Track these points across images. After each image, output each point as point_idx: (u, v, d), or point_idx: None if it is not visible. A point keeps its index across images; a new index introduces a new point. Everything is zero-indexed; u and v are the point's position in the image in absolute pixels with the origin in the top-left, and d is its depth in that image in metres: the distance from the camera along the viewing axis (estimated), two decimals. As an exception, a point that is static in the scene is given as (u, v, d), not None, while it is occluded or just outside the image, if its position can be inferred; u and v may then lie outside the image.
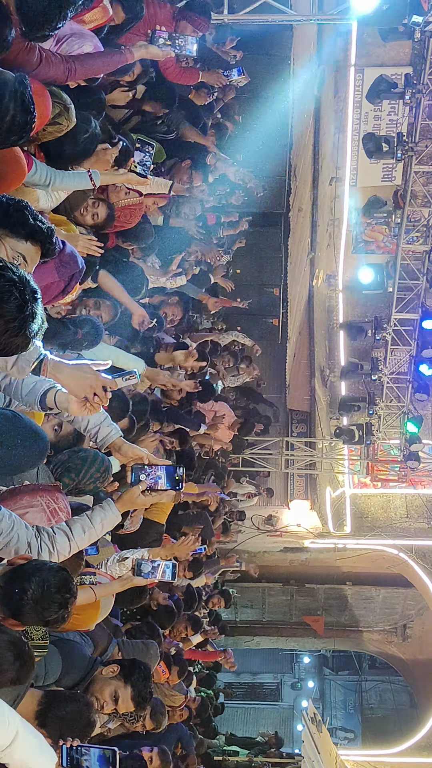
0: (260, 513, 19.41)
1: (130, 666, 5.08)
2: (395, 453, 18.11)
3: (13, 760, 3.48)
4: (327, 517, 19.65)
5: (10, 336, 3.23)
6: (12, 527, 3.81)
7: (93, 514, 4.27)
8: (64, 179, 5.16)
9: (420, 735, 20.78)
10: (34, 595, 3.63)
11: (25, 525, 3.89)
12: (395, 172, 17.23)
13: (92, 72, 5.08)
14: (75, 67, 4.83)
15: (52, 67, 4.66)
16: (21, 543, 3.87)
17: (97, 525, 4.24)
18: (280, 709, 30.04)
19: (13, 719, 3.45)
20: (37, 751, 3.59)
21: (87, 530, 4.18)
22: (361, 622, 23.35)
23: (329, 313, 20.35)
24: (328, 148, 18.15)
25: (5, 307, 3.18)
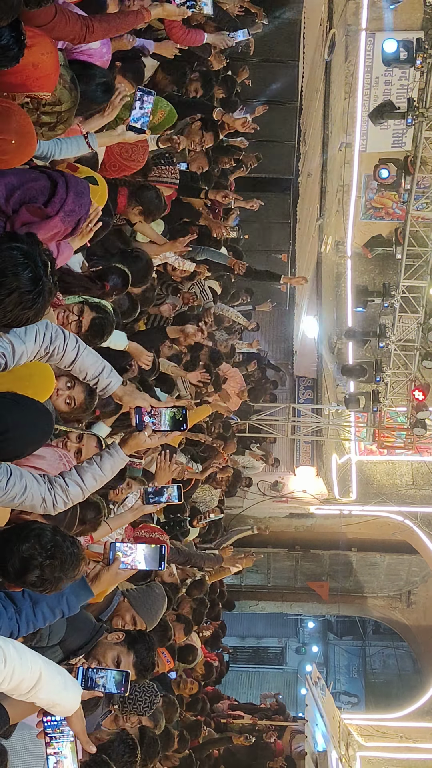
0: (266, 479, 19.49)
1: (137, 635, 5.14)
2: (402, 420, 18.11)
3: (39, 699, 3.58)
4: (333, 484, 19.72)
5: (24, 308, 3.35)
6: (25, 489, 3.85)
7: (102, 461, 4.30)
8: (62, 149, 5.13)
9: (423, 700, 20.95)
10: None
11: (37, 480, 3.93)
12: (405, 137, 17.10)
13: (111, 31, 5.01)
14: (93, 24, 4.77)
15: (69, 23, 4.60)
16: (36, 500, 3.92)
17: (107, 471, 4.29)
18: (285, 673, 30.34)
19: (35, 661, 3.52)
20: (61, 687, 3.66)
21: (98, 478, 4.23)
22: (365, 587, 23.47)
23: (337, 280, 20.29)
24: (338, 113, 18.01)
25: (21, 280, 3.29)
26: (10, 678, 3.38)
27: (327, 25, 16.74)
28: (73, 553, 3.83)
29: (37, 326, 3.93)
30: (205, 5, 5.55)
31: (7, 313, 3.36)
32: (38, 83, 4.34)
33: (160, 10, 5.42)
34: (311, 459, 20.19)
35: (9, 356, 3.80)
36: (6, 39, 3.77)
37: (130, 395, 4.55)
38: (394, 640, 27.35)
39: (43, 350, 4.07)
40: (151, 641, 5.18)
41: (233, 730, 15.24)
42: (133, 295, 6.55)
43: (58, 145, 5.08)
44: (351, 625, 29.71)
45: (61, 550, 3.77)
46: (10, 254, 3.31)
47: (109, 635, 5.01)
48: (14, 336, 3.81)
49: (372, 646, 29.65)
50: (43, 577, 3.71)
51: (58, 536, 3.80)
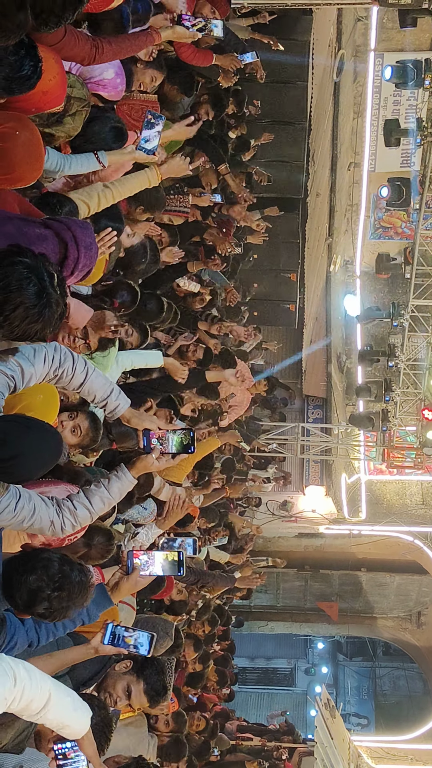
0: (275, 498, 19.45)
1: (143, 661, 5.10)
2: (411, 440, 18.08)
3: (49, 720, 3.57)
4: (342, 503, 19.67)
5: (30, 322, 3.33)
6: (33, 512, 3.83)
7: (110, 483, 4.28)
8: (73, 164, 5.14)
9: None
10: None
11: (45, 503, 3.92)
12: (414, 157, 17.16)
13: (121, 53, 5.02)
14: (103, 45, 4.78)
15: (79, 44, 4.61)
16: (44, 523, 3.91)
17: (115, 494, 4.27)
18: (294, 695, 30.18)
19: (44, 682, 3.51)
20: (70, 708, 3.65)
21: (106, 500, 4.21)
22: (375, 608, 23.37)
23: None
24: (347, 133, 18.08)
25: (25, 294, 3.28)
26: (20, 697, 3.37)
27: (336, 46, 16.83)
28: (81, 581, 3.82)
29: (45, 348, 3.91)
30: (215, 27, 5.55)
31: (15, 327, 3.35)
32: (49, 105, 4.39)
33: (171, 33, 5.41)
34: (320, 478, 20.15)
35: (18, 379, 3.79)
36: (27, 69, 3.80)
37: (139, 417, 4.52)
38: (404, 662, 27.20)
39: (52, 372, 4.04)
40: (160, 665, 5.13)
41: (242, 752, 15.14)
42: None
43: (68, 159, 5.10)
44: (361, 646, 29.55)
45: (68, 580, 3.76)
46: (14, 269, 3.30)
47: (116, 665, 4.97)
48: (23, 358, 3.80)
49: (382, 667, 29.48)
50: (50, 609, 3.71)
51: (65, 566, 3.79)
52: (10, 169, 4.15)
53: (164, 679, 5.10)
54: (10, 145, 4.10)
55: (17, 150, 4.14)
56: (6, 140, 4.08)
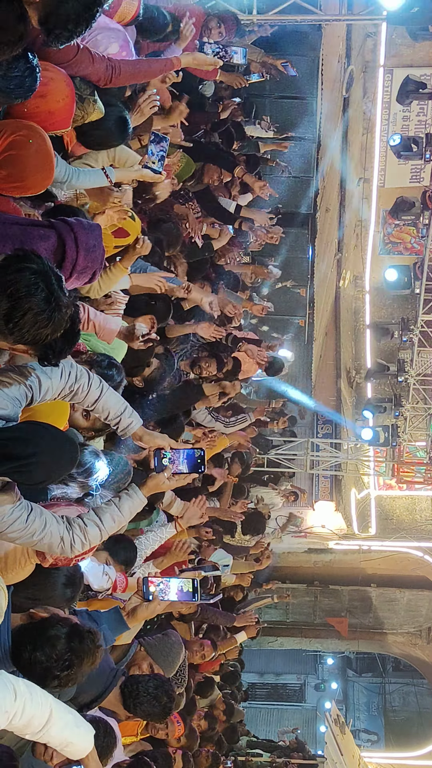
0: (284, 514, 19.38)
1: None
2: (421, 455, 18.05)
3: (52, 737, 3.56)
4: (352, 519, 19.62)
5: (39, 327, 3.35)
6: (44, 526, 3.82)
7: (121, 501, 4.29)
8: (81, 177, 5.17)
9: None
10: None
11: (57, 519, 3.91)
12: (423, 173, 17.19)
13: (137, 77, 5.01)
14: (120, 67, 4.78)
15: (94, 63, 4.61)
16: (54, 539, 3.90)
17: (125, 512, 4.28)
18: (304, 710, 30.04)
19: (45, 698, 3.52)
20: (72, 725, 3.66)
21: (116, 519, 4.21)
22: (385, 624, 23.25)
23: (356, 314, 20.31)
24: (356, 148, 18.11)
25: (33, 300, 3.29)
26: (21, 713, 3.37)
27: (345, 62, 16.85)
28: (89, 649, 3.82)
29: (62, 363, 3.94)
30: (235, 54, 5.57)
31: (25, 333, 3.36)
32: (54, 126, 4.42)
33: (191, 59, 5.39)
34: (330, 494, 20.09)
35: (36, 390, 3.81)
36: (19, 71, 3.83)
37: (150, 435, 4.57)
38: (414, 677, 27.04)
39: (68, 388, 4.07)
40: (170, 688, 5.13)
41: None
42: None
43: (77, 172, 5.13)
44: (370, 662, 29.43)
45: (76, 654, 3.76)
46: (22, 275, 3.30)
47: None
48: (41, 372, 3.83)
49: (392, 683, 29.32)
50: (61, 685, 3.75)
51: (74, 641, 3.78)
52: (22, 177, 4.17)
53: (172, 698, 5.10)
54: (23, 153, 4.13)
55: (30, 158, 4.16)
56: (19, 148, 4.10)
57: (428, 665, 23.62)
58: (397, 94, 14.32)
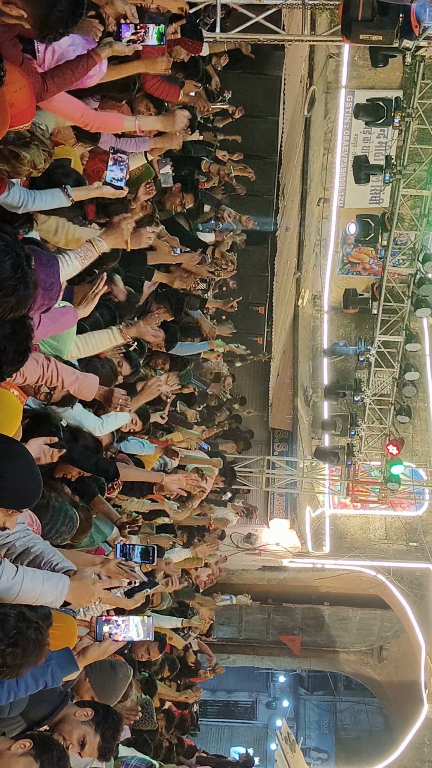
0: (239, 531, 19.36)
1: (104, 714, 4.98)
2: (376, 474, 18.11)
3: None
4: (306, 537, 19.62)
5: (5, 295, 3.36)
6: None
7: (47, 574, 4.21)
8: (37, 200, 5.07)
9: (393, 757, 20.71)
10: None
11: None
12: (383, 194, 17.30)
13: (65, 84, 5.00)
14: (47, 84, 4.77)
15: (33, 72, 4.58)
16: None
17: (46, 585, 4.11)
18: (255, 728, 29.98)
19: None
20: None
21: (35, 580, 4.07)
22: (337, 642, 23.32)
23: (314, 333, 20.38)
24: (316, 168, 18.20)
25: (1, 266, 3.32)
26: None
27: (307, 82, 16.95)
28: (36, 639, 3.78)
29: None
30: (150, 38, 5.53)
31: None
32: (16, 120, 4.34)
33: (109, 51, 5.37)
34: (285, 511, 20.07)
35: None
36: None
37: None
38: (365, 696, 27.13)
39: None
40: (118, 721, 5.04)
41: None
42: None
43: (31, 195, 5.03)
44: (322, 680, 29.46)
45: (24, 637, 3.70)
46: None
47: (77, 711, 4.86)
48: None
49: (343, 701, 29.39)
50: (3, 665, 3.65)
51: (21, 623, 3.73)
52: None
53: (117, 736, 5.02)
54: None
55: None
56: None
57: (379, 684, 23.69)
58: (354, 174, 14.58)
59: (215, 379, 14.46)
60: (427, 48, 11.63)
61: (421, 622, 19.90)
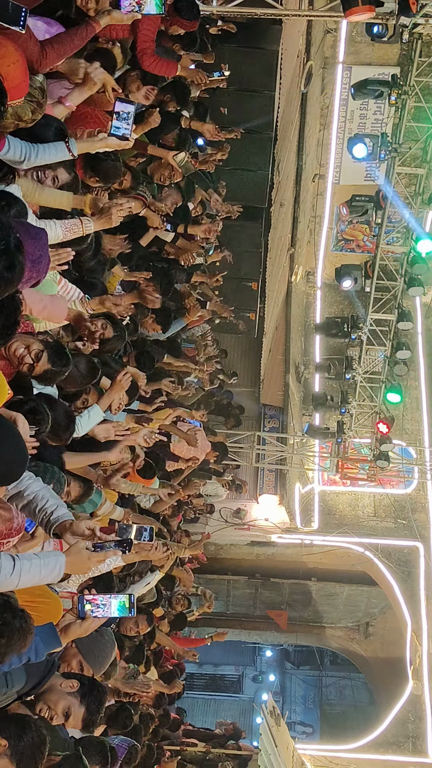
0: (229, 506, 19.41)
1: (90, 686, 5.02)
2: (366, 452, 18.18)
3: None
4: (295, 513, 19.69)
5: None
6: None
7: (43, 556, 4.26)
8: (40, 153, 5.05)
9: (377, 732, 20.88)
10: None
11: None
12: (378, 171, 17.24)
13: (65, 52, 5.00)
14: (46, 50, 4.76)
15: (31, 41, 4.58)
16: None
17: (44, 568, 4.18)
18: (241, 702, 30.22)
19: None
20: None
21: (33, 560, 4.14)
22: (324, 618, 23.43)
23: (306, 310, 20.38)
24: (312, 144, 18.13)
25: None
26: None
27: (304, 57, 16.84)
28: (21, 628, 3.83)
29: None
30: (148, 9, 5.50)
31: None
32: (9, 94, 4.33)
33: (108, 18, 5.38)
34: (274, 487, 20.13)
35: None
36: None
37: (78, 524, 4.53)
38: (351, 672, 27.33)
39: None
40: (102, 694, 5.08)
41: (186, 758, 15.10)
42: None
43: (34, 148, 5.01)
44: (308, 655, 29.68)
45: (9, 627, 3.76)
46: None
47: (63, 682, 4.90)
48: None
49: (329, 676, 29.62)
50: None
51: (6, 613, 3.78)
52: None
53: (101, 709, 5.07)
54: None
55: None
56: None
57: (365, 660, 23.85)
58: (353, 89, 14.34)
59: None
60: (424, 26, 11.60)
61: (408, 600, 20.03)
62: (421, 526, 19.95)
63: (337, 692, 29.48)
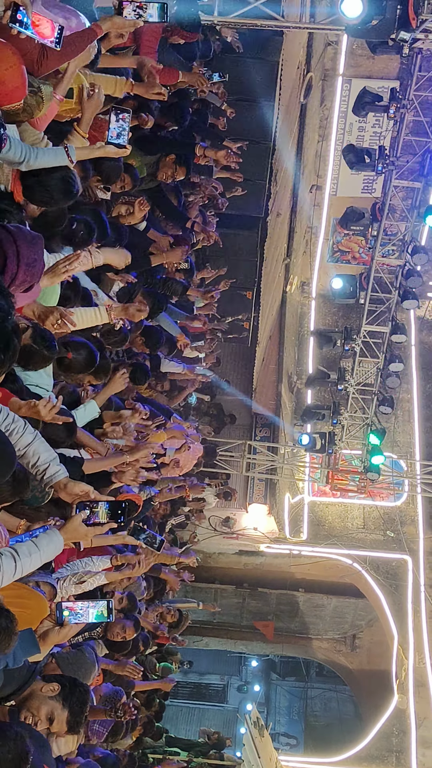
0: (218, 514, 19.41)
1: (71, 687, 5.00)
2: (356, 463, 18.17)
3: None
4: (284, 523, 19.70)
5: None
6: None
7: (39, 540, 4.36)
8: (39, 156, 5.07)
9: (361, 745, 20.84)
10: None
11: None
12: (375, 184, 17.32)
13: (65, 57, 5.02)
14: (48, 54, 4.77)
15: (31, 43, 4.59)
16: None
17: (43, 550, 4.31)
18: (225, 711, 30.08)
19: None
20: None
21: (33, 555, 4.25)
22: (310, 629, 23.42)
23: (300, 320, 20.41)
24: (310, 155, 18.18)
25: None
26: None
27: (304, 69, 16.91)
28: (6, 628, 3.84)
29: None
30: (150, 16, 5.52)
31: None
32: (7, 98, 4.36)
33: (110, 24, 5.42)
34: (264, 497, 20.14)
35: None
36: None
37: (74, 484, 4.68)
38: (337, 684, 27.26)
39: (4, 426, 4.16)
40: (85, 693, 5.06)
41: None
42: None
43: (34, 151, 5.03)
44: (294, 666, 29.59)
45: None
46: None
47: (44, 686, 4.88)
48: None
49: (314, 688, 29.51)
50: None
51: None
52: None
53: (85, 709, 5.05)
54: None
55: None
56: None
57: (351, 672, 23.83)
58: (354, 105, 14.37)
59: None
60: (423, 40, 11.63)
61: (395, 613, 20.03)
62: (410, 540, 19.95)
63: (322, 704, 29.38)
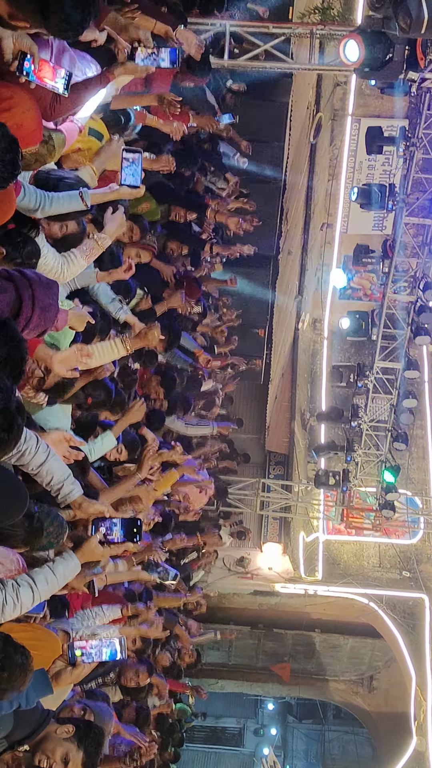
0: (232, 554, 19.31)
1: (85, 729, 4.97)
2: (371, 501, 18.07)
3: None
4: (299, 562, 19.57)
5: None
6: None
7: (55, 565, 4.39)
8: (54, 202, 5.10)
9: (380, 789, 20.57)
10: None
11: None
12: (386, 221, 17.38)
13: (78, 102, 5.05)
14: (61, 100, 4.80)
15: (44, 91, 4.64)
16: None
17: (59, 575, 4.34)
18: (241, 755, 29.73)
19: None
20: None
21: (50, 581, 4.30)
22: (327, 670, 23.17)
23: (313, 357, 20.41)
24: (321, 194, 18.30)
25: None
26: None
27: (314, 109, 17.09)
28: (22, 664, 3.83)
29: None
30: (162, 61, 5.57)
31: None
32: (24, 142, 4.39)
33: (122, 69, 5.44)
34: (279, 536, 20.06)
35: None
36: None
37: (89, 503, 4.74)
38: (355, 726, 26.90)
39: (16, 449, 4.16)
40: (100, 735, 5.02)
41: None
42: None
43: (49, 197, 5.06)
44: (311, 709, 29.21)
45: (11, 661, 3.76)
46: None
47: (59, 728, 4.84)
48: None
49: (332, 730, 29.13)
50: None
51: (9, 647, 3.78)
52: None
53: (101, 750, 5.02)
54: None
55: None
56: None
57: (368, 714, 23.53)
58: (366, 144, 14.50)
59: None
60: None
61: (413, 653, 19.79)
62: (426, 578, 19.76)
63: (340, 747, 28.98)
